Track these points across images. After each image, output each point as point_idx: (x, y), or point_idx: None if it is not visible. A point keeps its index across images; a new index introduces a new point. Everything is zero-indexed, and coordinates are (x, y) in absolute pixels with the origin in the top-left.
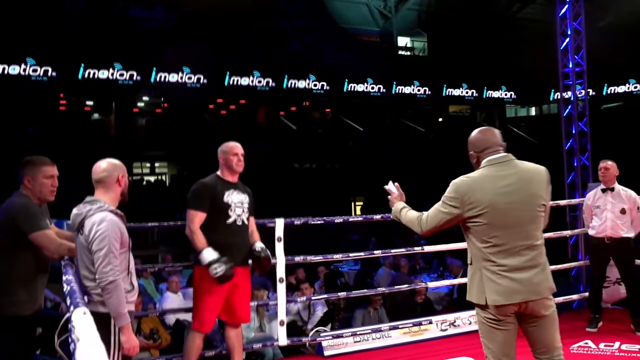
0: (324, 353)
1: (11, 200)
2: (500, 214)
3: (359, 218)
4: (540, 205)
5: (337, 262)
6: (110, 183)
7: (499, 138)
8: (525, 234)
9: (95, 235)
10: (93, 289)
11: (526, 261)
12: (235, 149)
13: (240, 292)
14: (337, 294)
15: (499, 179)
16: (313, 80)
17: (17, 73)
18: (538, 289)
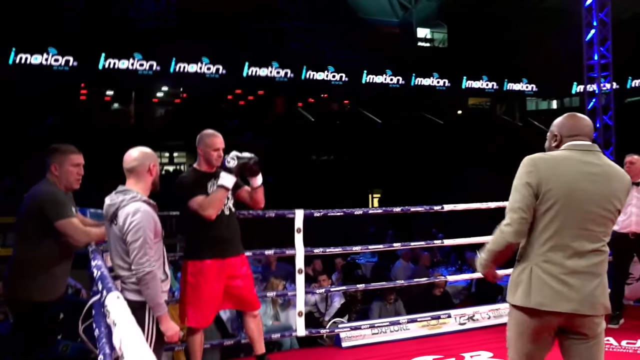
0: (342, 344)
1: (38, 188)
2: (575, 203)
3: (378, 210)
4: (616, 210)
5: (354, 255)
6: (141, 172)
7: (590, 129)
8: (594, 235)
9: (130, 226)
10: (127, 278)
11: (589, 267)
12: (216, 143)
13: (239, 280)
14: (355, 286)
15: (584, 165)
16: (332, 72)
17: (39, 63)
18: (594, 303)
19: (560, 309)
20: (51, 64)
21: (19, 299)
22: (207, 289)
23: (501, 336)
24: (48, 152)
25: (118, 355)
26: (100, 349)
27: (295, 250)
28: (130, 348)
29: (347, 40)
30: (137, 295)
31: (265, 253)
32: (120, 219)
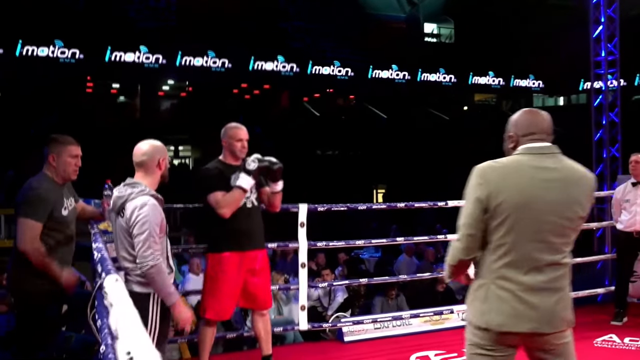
0: (344, 339)
1: (29, 182)
2: (530, 215)
3: (382, 205)
4: (579, 217)
5: (357, 249)
6: (151, 166)
7: (548, 125)
8: (553, 247)
9: (136, 219)
10: (132, 270)
11: (547, 282)
12: (239, 134)
13: (259, 277)
14: (358, 280)
15: (539, 171)
16: (337, 66)
17: (45, 55)
18: (554, 319)
19: (519, 329)
20: (57, 56)
21: (20, 290)
22: (225, 281)
23: None
24: (47, 142)
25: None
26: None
27: (298, 243)
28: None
29: (353, 35)
30: (142, 287)
31: (268, 246)
32: (128, 212)
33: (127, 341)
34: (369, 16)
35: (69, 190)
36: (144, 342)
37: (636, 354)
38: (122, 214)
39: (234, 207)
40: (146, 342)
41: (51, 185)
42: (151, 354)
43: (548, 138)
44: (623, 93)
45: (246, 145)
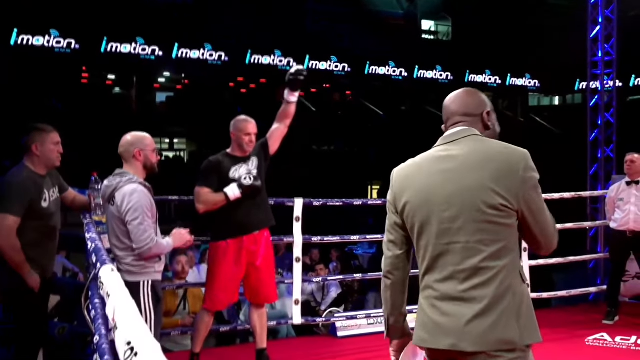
0: (337, 334)
1: (10, 172)
2: (432, 213)
3: (377, 201)
4: (492, 206)
5: (352, 245)
6: (128, 158)
7: (466, 105)
8: (470, 247)
9: (127, 206)
10: (123, 259)
11: (465, 291)
12: (248, 128)
13: (262, 270)
14: (352, 276)
15: (439, 162)
16: (335, 62)
17: (40, 44)
18: (478, 336)
19: (438, 345)
20: (53, 46)
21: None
22: (220, 272)
23: None
24: (29, 132)
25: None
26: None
27: (293, 238)
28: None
29: (350, 30)
30: (132, 276)
31: None
32: (118, 200)
33: (126, 331)
34: (366, 11)
35: (54, 179)
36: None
37: (627, 353)
38: (112, 202)
39: (211, 208)
40: (145, 332)
41: (30, 176)
42: (151, 343)
43: (465, 120)
44: (619, 94)
45: (254, 140)
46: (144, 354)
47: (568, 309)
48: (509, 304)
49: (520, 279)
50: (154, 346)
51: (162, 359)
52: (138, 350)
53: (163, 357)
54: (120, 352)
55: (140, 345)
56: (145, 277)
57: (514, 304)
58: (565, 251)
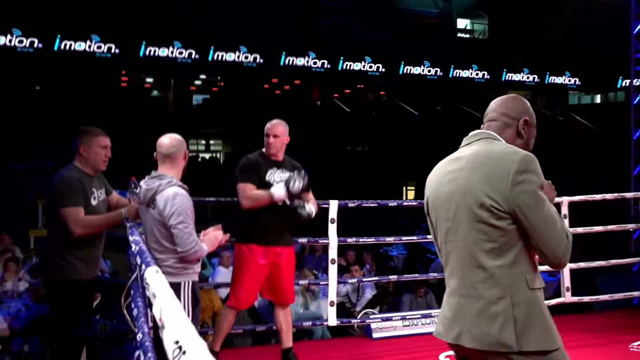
0: (373, 335)
1: (59, 173)
2: (439, 213)
3: (413, 202)
4: (483, 206)
5: (386, 246)
6: (178, 158)
7: (504, 107)
8: (464, 246)
9: (171, 210)
10: (163, 262)
11: (465, 288)
12: (269, 129)
13: (283, 272)
14: (387, 277)
15: (450, 163)
16: (369, 62)
17: (82, 49)
18: (474, 332)
19: (447, 337)
20: (94, 50)
21: (49, 278)
22: (247, 272)
23: None
24: (77, 134)
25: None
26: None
27: (328, 240)
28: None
29: (384, 30)
30: (173, 277)
31: (298, 241)
32: (160, 203)
33: (174, 330)
34: (401, 11)
35: (100, 181)
36: (190, 331)
37: None
38: (152, 205)
39: (255, 204)
40: (192, 331)
41: (80, 175)
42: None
43: (496, 120)
44: None
45: (272, 142)
46: (192, 352)
47: (611, 313)
48: (506, 307)
49: (525, 284)
50: (202, 345)
51: (210, 357)
52: (186, 349)
53: (210, 356)
54: (168, 351)
55: (188, 344)
56: (185, 278)
57: (512, 307)
58: (608, 254)
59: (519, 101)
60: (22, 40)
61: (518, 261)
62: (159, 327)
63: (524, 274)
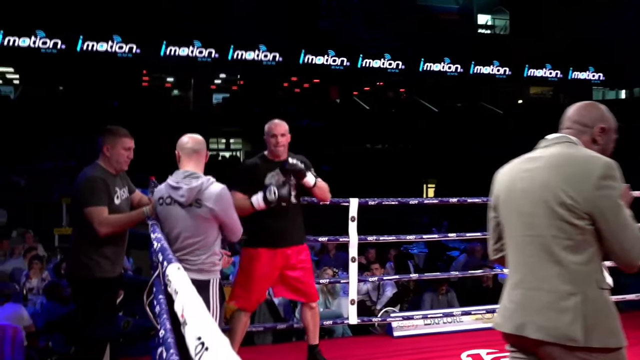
0: (394, 334)
1: (83, 172)
2: (510, 208)
3: (434, 200)
4: (562, 205)
5: (407, 245)
6: (203, 155)
7: (580, 115)
8: (539, 242)
9: (223, 205)
10: (198, 259)
11: (535, 281)
12: (274, 129)
13: (298, 271)
14: (408, 275)
15: (524, 162)
16: (388, 60)
17: (104, 50)
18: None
19: (507, 328)
20: (116, 51)
21: (75, 276)
22: (256, 275)
23: None
24: (102, 133)
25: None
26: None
27: (349, 238)
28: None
29: (404, 27)
30: (205, 274)
31: (318, 240)
32: (209, 201)
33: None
34: (420, 7)
35: (123, 180)
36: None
37: None
38: (197, 204)
39: (241, 214)
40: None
41: (105, 174)
42: (221, 338)
43: (572, 128)
44: None
45: (281, 141)
46: (215, 348)
47: (637, 313)
48: (576, 303)
49: (595, 283)
50: (224, 341)
51: (232, 353)
52: (209, 345)
53: (232, 351)
54: (190, 347)
55: (211, 340)
56: (214, 275)
57: (582, 304)
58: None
59: (593, 108)
60: (45, 42)
61: (592, 260)
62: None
63: (596, 273)
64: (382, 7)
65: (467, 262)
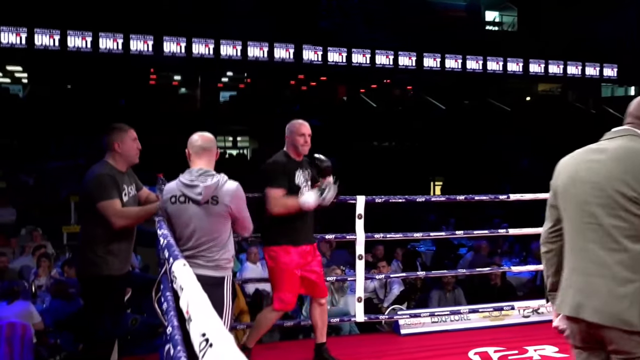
0: (401, 331)
1: (91, 169)
2: (573, 197)
3: (441, 198)
4: (625, 196)
5: (414, 242)
6: (213, 153)
7: (635, 110)
8: (601, 229)
9: (239, 202)
10: (214, 256)
11: (595, 267)
12: (302, 129)
13: (313, 267)
14: (415, 273)
15: (588, 153)
16: (394, 57)
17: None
18: (604, 311)
19: (563, 310)
20: (123, 49)
21: (84, 274)
22: (285, 273)
23: None
24: (109, 131)
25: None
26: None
27: (355, 235)
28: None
29: (410, 24)
30: (220, 271)
31: (325, 237)
32: (225, 198)
33: (201, 323)
34: (427, 4)
35: (130, 177)
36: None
37: None
38: (213, 201)
39: (286, 213)
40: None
41: (113, 171)
42: (225, 334)
43: (635, 122)
44: None
45: (308, 141)
46: (219, 344)
47: None
48: (635, 290)
49: None
50: (228, 337)
51: (236, 349)
52: (213, 341)
53: (236, 348)
54: (195, 343)
55: (215, 337)
56: (229, 272)
57: None
58: None
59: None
60: (53, 40)
61: None
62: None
63: None
64: (389, 4)
65: (474, 259)
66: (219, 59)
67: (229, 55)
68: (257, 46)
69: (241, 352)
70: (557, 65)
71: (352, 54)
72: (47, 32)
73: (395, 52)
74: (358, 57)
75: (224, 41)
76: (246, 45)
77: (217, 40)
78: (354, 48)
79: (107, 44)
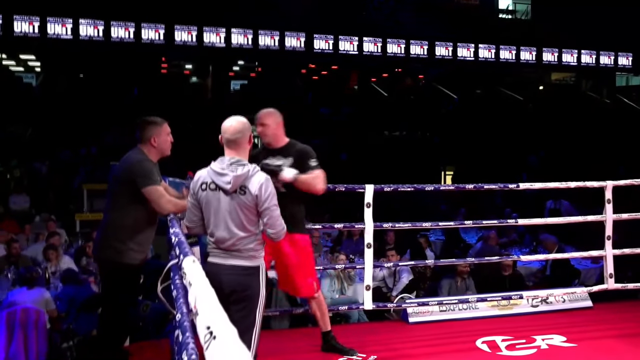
0: (409, 320)
1: (129, 156)
2: None
3: (450, 187)
4: None
5: (424, 232)
6: (244, 143)
7: None
8: None
9: (266, 193)
10: (246, 246)
11: None
12: (257, 119)
13: (285, 263)
14: (424, 262)
15: None
16: (406, 46)
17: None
18: None
19: None
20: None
21: (107, 260)
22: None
23: (576, 320)
24: (144, 125)
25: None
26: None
27: (364, 224)
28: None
29: (422, 13)
30: (254, 261)
31: (334, 226)
32: (253, 189)
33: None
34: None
35: (157, 168)
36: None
37: None
38: (242, 191)
39: None
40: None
41: (149, 160)
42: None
43: None
44: None
45: (262, 130)
46: (222, 337)
47: None
48: None
49: None
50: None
51: (238, 342)
52: (217, 334)
53: (239, 340)
54: (200, 336)
55: (219, 330)
56: (261, 260)
57: None
58: None
59: None
60: (66, 29)
61: None
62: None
63: None
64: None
65: (483, 249)
66: (230, 48)
67: (240, 44)
68: (268, 35)
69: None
70: (571, 54)
71: (363, 42)
72: (59, 21)
73: (406, 40)
74: (369, 45)
75: (235, 30)
76: (257, 34)
77: (228, 29)
78: (364, 37)
79: (119, 33)
